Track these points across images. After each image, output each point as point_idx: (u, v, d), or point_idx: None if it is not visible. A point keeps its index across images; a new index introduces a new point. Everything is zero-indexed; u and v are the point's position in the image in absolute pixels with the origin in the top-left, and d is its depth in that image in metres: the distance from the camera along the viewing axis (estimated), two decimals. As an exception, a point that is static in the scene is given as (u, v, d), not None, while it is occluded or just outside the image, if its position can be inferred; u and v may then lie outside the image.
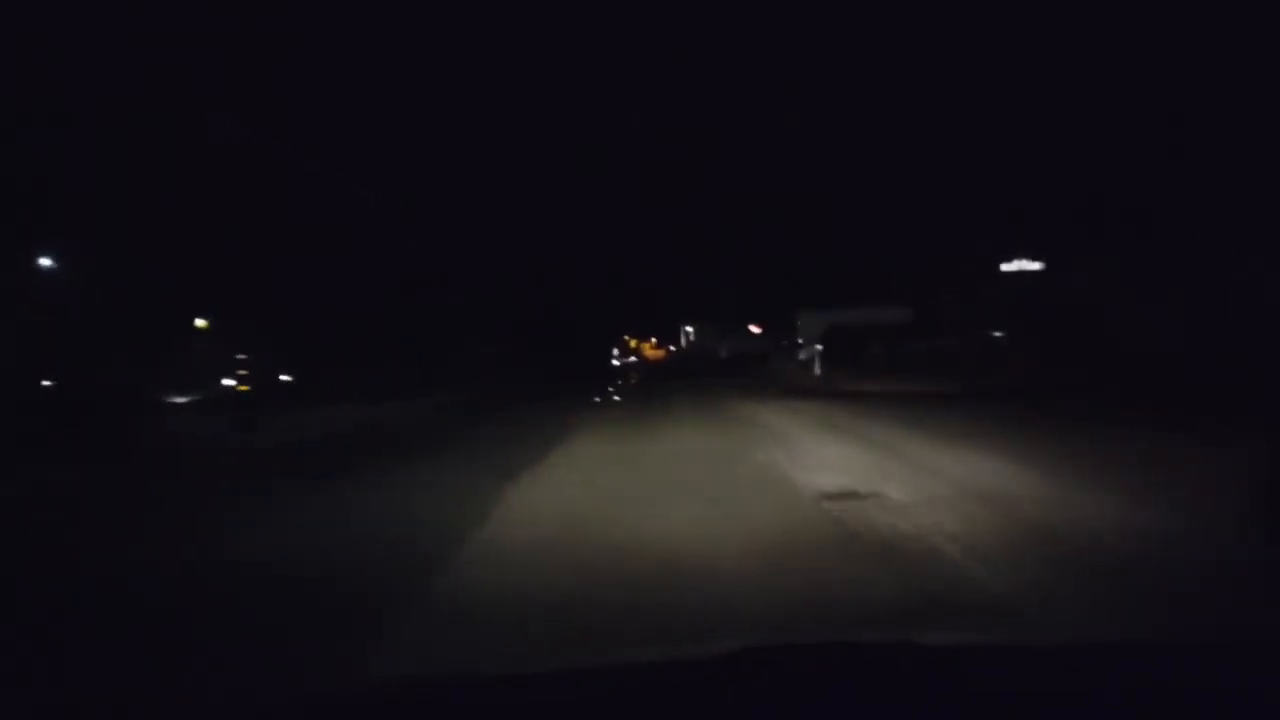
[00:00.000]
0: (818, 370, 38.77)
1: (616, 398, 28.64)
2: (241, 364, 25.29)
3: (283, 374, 48.97)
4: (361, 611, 4.85)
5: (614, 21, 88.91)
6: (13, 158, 27.67)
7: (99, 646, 4.37)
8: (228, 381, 43.16)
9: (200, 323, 45.84)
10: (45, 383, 28.18)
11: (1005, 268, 35.61)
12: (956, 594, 4.98)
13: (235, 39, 40.22)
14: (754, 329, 78.21)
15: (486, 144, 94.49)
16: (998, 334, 37.22)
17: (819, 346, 40.55)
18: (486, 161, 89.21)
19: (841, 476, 9.52)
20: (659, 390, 32.56)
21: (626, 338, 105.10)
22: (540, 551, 6.28)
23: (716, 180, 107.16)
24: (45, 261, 32.45)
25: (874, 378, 31.61)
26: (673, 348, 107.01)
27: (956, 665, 1.74)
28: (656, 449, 12.94)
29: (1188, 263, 25.16)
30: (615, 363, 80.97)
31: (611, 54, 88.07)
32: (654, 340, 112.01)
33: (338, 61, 64.64)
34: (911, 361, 36.45)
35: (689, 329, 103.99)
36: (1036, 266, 34.75)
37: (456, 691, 1.76)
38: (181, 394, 37.71)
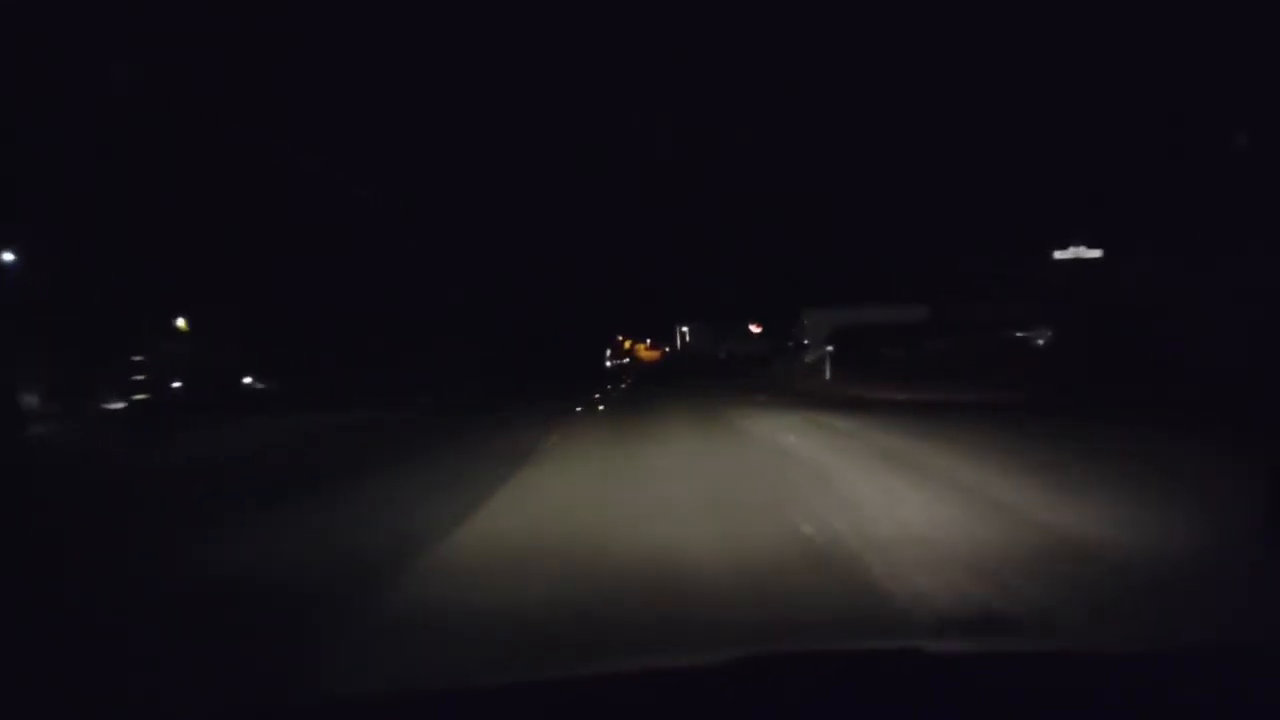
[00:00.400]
0: (828, 374, 35.06)
1: (601, 407, 24.92)
2: (139, 368, 21.83)
3: (247, 378, 45.95)
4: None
5: (614, 21, 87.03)
6: (13, 157, 27.12)
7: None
8: (175, 385, 40.18)
9: (180, 323, 43.50)
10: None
11: (1059, 255, 31.32)
12: None
13: (235, 39, 39.90)
14: (754, 328, 75.12)
15: (486, 144, 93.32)
16: (1020, 334, 33.58)
17: (830, 348, 36.74)
18: (486, 161, 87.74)
19: (952, 569, 5.60)
20: (653, 397, 28.77)
21: (620, 338, 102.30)
22: None
23: (716, 180, 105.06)
24: (8, 257, 30.85)
25: (893, 383, 27.79)
26: (668, 348, 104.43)
27: (959, 670, 1.70)
28: (638, 506, 8.73)
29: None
30: (608, 364, 78.58)
31: (611, 54, 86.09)
32: (649, 341, 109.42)
33: (338, 61, 63.40)
34: (931, 364, 32.43)
35: (685, 329, 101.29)
36: (1096, 254, 30.50)
37: (451, 700, 1.74)
38: (121, 399, 35.13)
